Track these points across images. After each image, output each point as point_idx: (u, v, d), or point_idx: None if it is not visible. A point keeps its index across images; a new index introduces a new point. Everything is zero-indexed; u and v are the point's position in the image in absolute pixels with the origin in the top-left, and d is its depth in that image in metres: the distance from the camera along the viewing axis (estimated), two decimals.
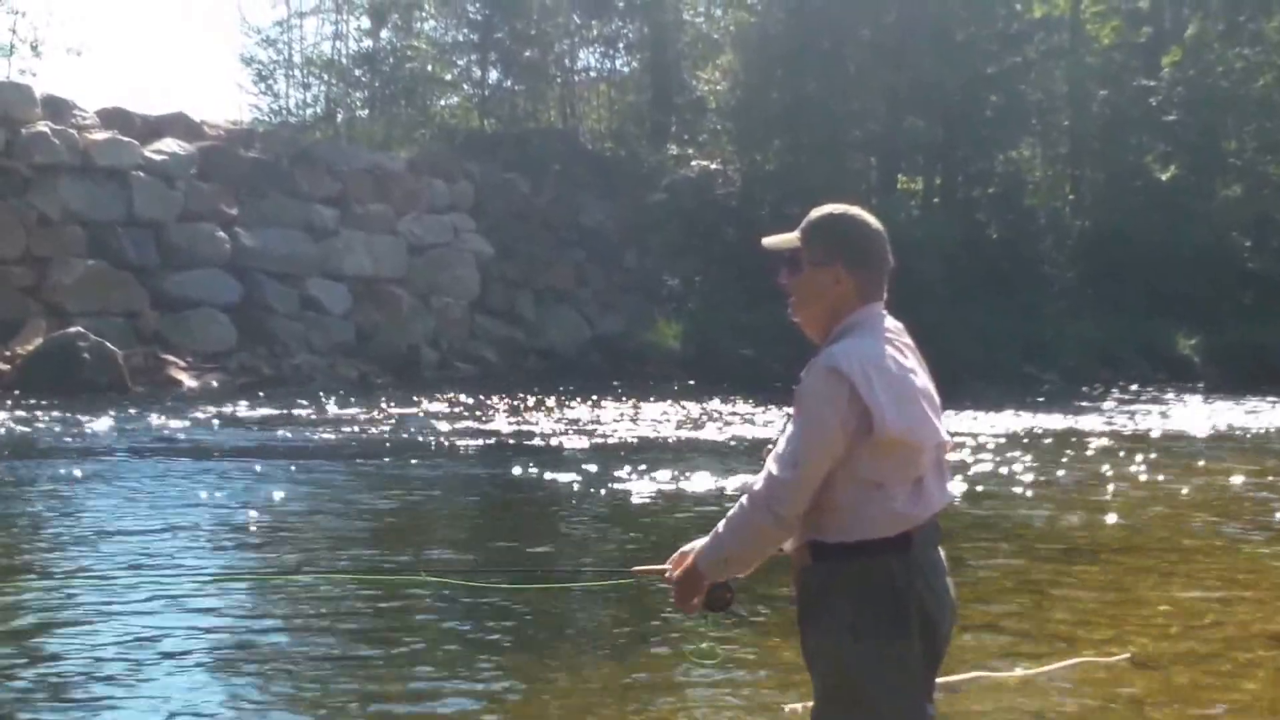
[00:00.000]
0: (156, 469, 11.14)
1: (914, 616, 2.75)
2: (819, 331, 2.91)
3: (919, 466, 2.78)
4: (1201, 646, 5.77)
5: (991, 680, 5.09)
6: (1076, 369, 27.66)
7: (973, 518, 9.15)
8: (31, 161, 21.68)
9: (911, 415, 2.76)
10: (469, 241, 27.21)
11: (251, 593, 6.79)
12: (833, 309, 2.88)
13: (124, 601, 6.31)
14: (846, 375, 2.70)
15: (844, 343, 2.81)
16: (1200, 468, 12.58)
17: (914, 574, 2.76)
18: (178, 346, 21.58)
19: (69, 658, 5.39)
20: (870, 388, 2.70)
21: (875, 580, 2.74)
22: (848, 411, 2.70)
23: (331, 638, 5.89)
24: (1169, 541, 8.56)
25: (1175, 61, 33.79)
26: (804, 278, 2.92)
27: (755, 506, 2.76)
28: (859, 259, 2.89)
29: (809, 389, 2.76)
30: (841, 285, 2.87)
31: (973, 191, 33.22)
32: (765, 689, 5.06)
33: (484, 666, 5.43)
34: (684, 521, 8.91)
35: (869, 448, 2.71)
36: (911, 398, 2.78)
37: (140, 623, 5.95)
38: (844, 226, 2.92)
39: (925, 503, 2.80)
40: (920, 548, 2.78)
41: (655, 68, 35.10)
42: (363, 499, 10.06)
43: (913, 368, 2.84)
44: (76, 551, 7.69)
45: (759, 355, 25.26)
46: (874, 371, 2.73)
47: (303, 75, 35.57)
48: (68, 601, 6.40)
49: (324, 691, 5.07)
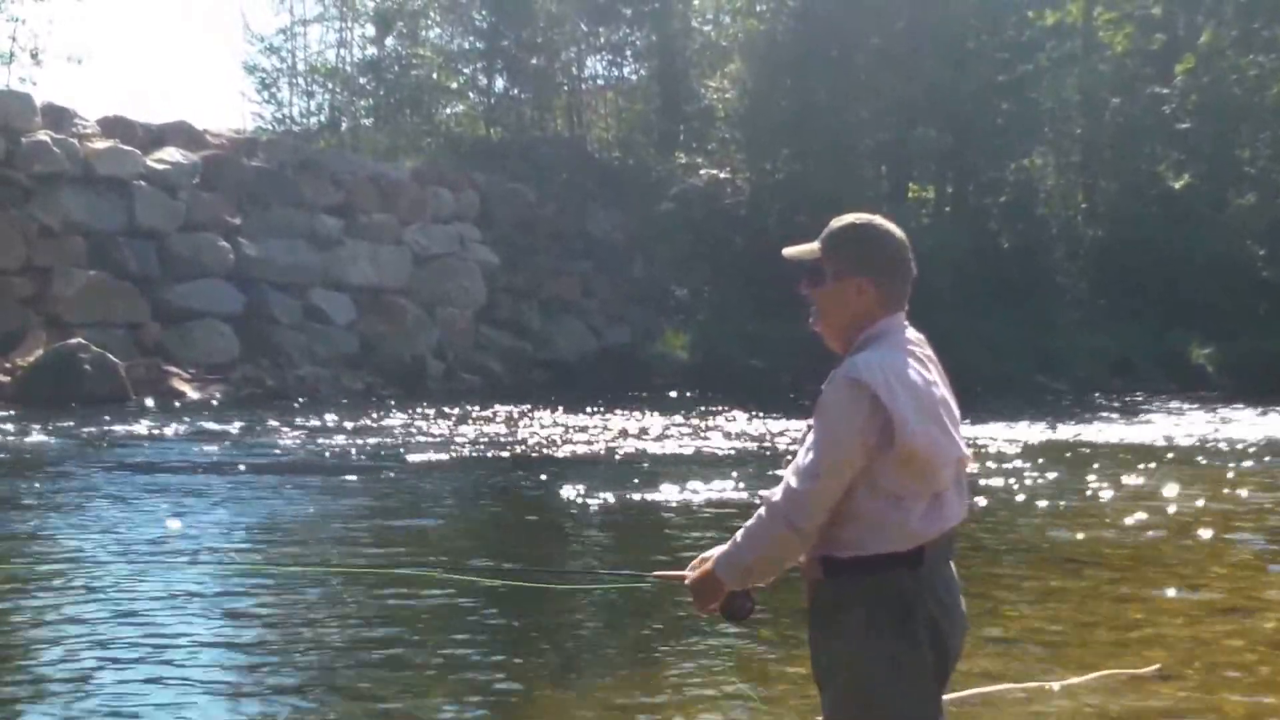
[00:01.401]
0: (159, 481, 10.93)
1: (924, 631, 2.73)
2: (841, 342, 2.88)
3: (938, 481, 2.75)
4: (1225, 658, 5.74)
5: (1020, 692, 5.10)
6: (1089, 379, 27.50)
7: (989, 530, 9.06)
8: (32, 171, 21.49)
9: (933, 429, 2.72)
10: (475, 251, 27.01)
11: (267, 594, 6.85)
12: (856, 320, 2.85)
13: (129, 604, 6.36)
14: (869, 386, 2.68)
15: (866, 353, 2.78)
16: (1217, 478, 12.40)
17: (925, 589, 2.74)
18: (180, 358, 21.38)
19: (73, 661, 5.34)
20: (893, 400, 2.67)
21: (887, 594, 2.72)
22: (869, 423, 2.68)
23: (339, 635, 5.97)
24: (1188, 552, 8.45)
25: (1189, 69, 33.53)
26: (827, 289, 2.88)
27: (774, 517, 2.73)
28: (883, 270, 2.86)
29: (830, 400, 2.74)
30: (865, 296, 2.84)
31: (984, 200, 33.02)
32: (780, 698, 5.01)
33: (492, 670, 5.49)
34: (695, 530, 8.89)
35: (889, 460, 2.69)
36: (933, 411, 2.75)
37: (146, 623, 6.06)
38: (868, 237, 2.88)
39: (942, 518, 2.77)
40: (932, 563, 2.75)
41: (663, 76, 34.93)
42: (373, 507, 10.02)
43: (935, 380, 2.81)
44: (79, 560, 7.63)
45: (767, 365, 25.06)
46: (897, 383, 2.70)
47: (306, 83, 35.41)
48: (75, 604, 6.38)
49: (330, 689, 5.12)
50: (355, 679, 5.26)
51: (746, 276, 27.95)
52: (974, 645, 5.72)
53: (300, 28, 35.20)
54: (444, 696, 5.04)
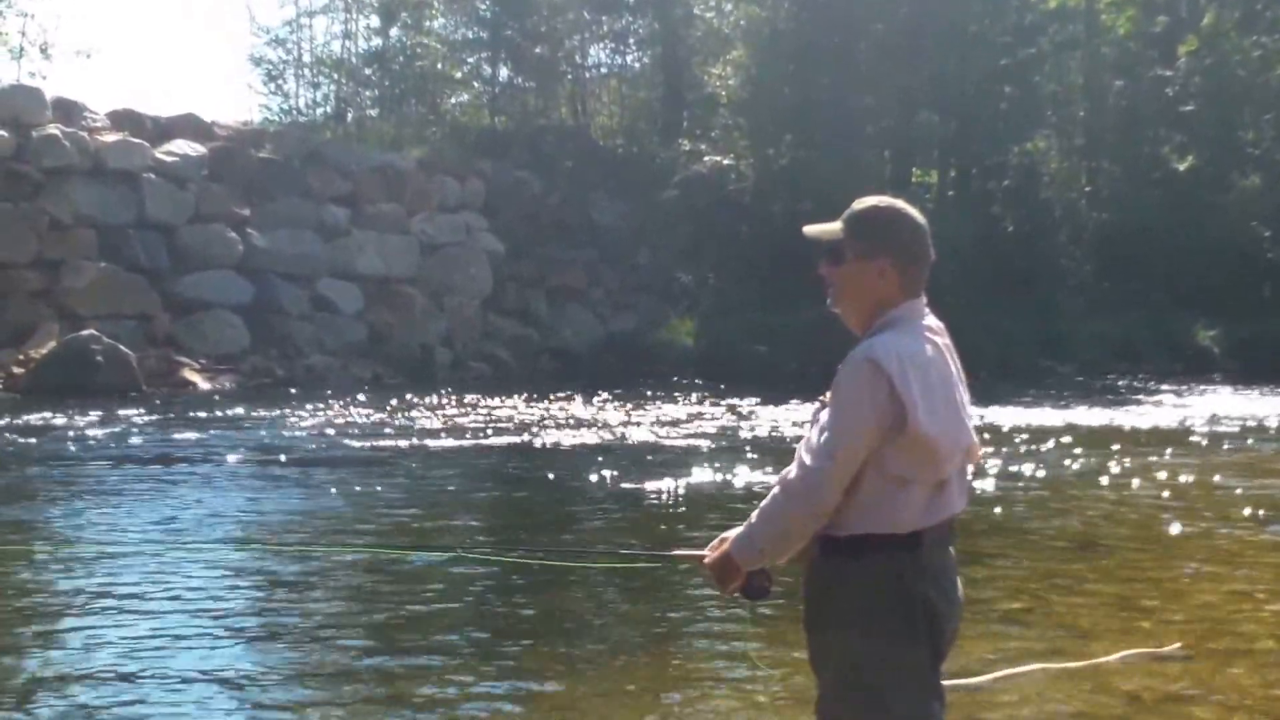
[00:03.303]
0: (173, 471, 11.07)
1: (920, 615, 2.73)
2: (860, 324, 2.89)
3: (944, 469, 2.76)
4: (1245, 639, 5.77)
5: (1045, 673, 5.13)
6: (1094, 362, 27.52)
7: (1002, 513, 9.07)
8: (42, 165, 21.66)
9: (945, 416, 2.74)
10: (481, 240, 27.14)
11: (287, 577, 6.93)
12: (876, 302, 2.85)
13: (149, 589, 6.39)
14: (885, 369, 2.69)
15: (885, 336, 2.78)
16: (1226, 460, 12.43)
17: (921, 574, 2.74)
18: (190, 349, 21.56)
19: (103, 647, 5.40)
20: (907, 384, 2.68)
21: (882, 577, 2.73)
22: (885, 405, 2.68)
23: (357, 619, 6.02)
24: (1203, 534, 8.47)
25: (1192, 51, 33.50)
26: (847, 270, 2.88)
27: (790, 496, 2.74)
28: (904, 253, 2.85)
29: (847, 379, 2.74)
30: (886, 279, 2.84)
31: (988, 185, 33.02)
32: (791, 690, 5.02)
33: (508, 653, 5.49)
34: (705, 514, 8.95)
35: (899, 444, 2.69)
36: (947, 398, 2.77)
37: (159, 608, 6.13)
38: (890, 219, 2.88)
39: (943, 505, 2.78)
40: (930, 548, 2.76)
41: (666, 64, 34.99)
42: (385, 493, 10.07)
43: (950, 368, 2.83)
44: (104, 545, 7.69)
45: (772, 352, 25.15)
46: (912, 369, 2.71)
47: (312, 75, 35.59)
48: (96, 589, 6.41)
49: (344, 674, 5.15)
50: (371, 664, 5.27)
51: (751, 263, 28.04)
52: (995, 627, 5.82)
53: (306, 19, 35.48)
54: (458, 680, 5.04)
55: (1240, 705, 4.82)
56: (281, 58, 35.31)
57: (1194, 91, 33.07)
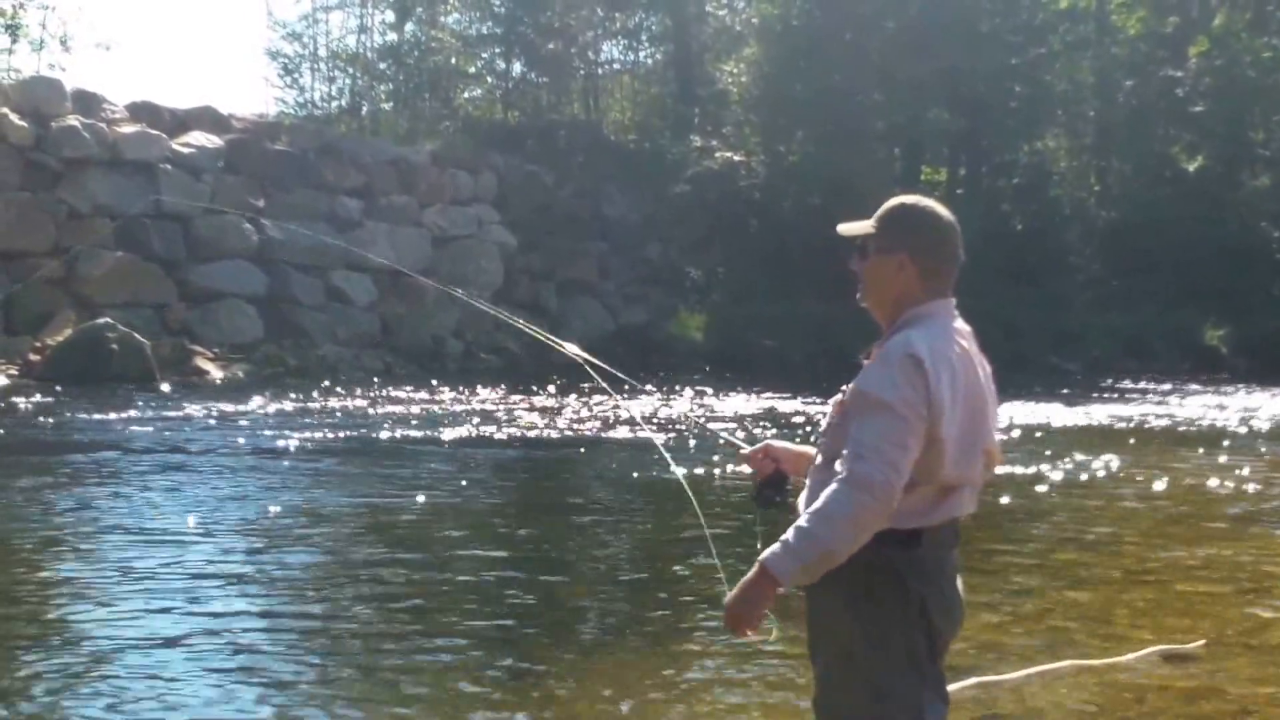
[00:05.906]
0: (191, 460, 11.24)
1: (913, 609, 2.77)
2: (884, 318, 2.93)
3: (955, 473, 2.78)
4: (1267, 634, 5.83)
5: (1072, 670, 5.18)
6: (1102, 359, 27.57)
7: (1018, 511, 9.11)
8: (61, 155, 21.88)
9: (962, 421, 2.76)
10: (493, 233, 27.32)
11: (294, 570, 6.94)
12: (898, 297, 2.89)
13: (159, 580, 6.44)
14: (925, 366, 2.71)
15: (917, 332, 2.79)
16: (1238, 457, 12.44)
17: (917, 571, 2.77)
18: (205, 338, 21.77)
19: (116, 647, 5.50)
20: (939, 385, 2.71)
21: (878, 571, 2.75)
22: (924, 400, 2.70)
23: (367, 611, 6.02)
24: (1220, 531, 8.54)
25: (1202, 51, 33.51)
26: (870, 264, 2.93)
27: (863, 492, 2.64)
28: (923, 249, 2.89)
29: (886, 375, 2.72)
30: (905, 273, 2.87)
31: (997, 182, 33.12)
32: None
33: (512, 650, 5.50)
34: (719, 505, 8.99)
35: (924, 443, 2.72)
36: (968, 403, 2.78)
37: (177, 595, 6.15)
38: (913, 216, 2.93)
39: (950, 506, 2.81)
40: (930, 548, 2.78)
41: (678, 60, 35.12)
42: (398, 481, 10.09)
43: (976, 372, 2.85)
44: (113, 536, 7.80)
45: (782, 346, 25.29)
46: (943, 369, 2.74)
47: (328, 69, 35.81)
48: (109, 585, 6.49)
49: (357, 665, 5.18)
50: (372, 662, 5.23)
51: (761, 258, 28.17)
52: (1017, 625, 5.86)
53: (322, 14, 35.78)
54: (464, 671, 5.08)
55: (1271, 701, 4.86)
56: (298, 52, 35.56)
57: (1204, 91, 33.06)
